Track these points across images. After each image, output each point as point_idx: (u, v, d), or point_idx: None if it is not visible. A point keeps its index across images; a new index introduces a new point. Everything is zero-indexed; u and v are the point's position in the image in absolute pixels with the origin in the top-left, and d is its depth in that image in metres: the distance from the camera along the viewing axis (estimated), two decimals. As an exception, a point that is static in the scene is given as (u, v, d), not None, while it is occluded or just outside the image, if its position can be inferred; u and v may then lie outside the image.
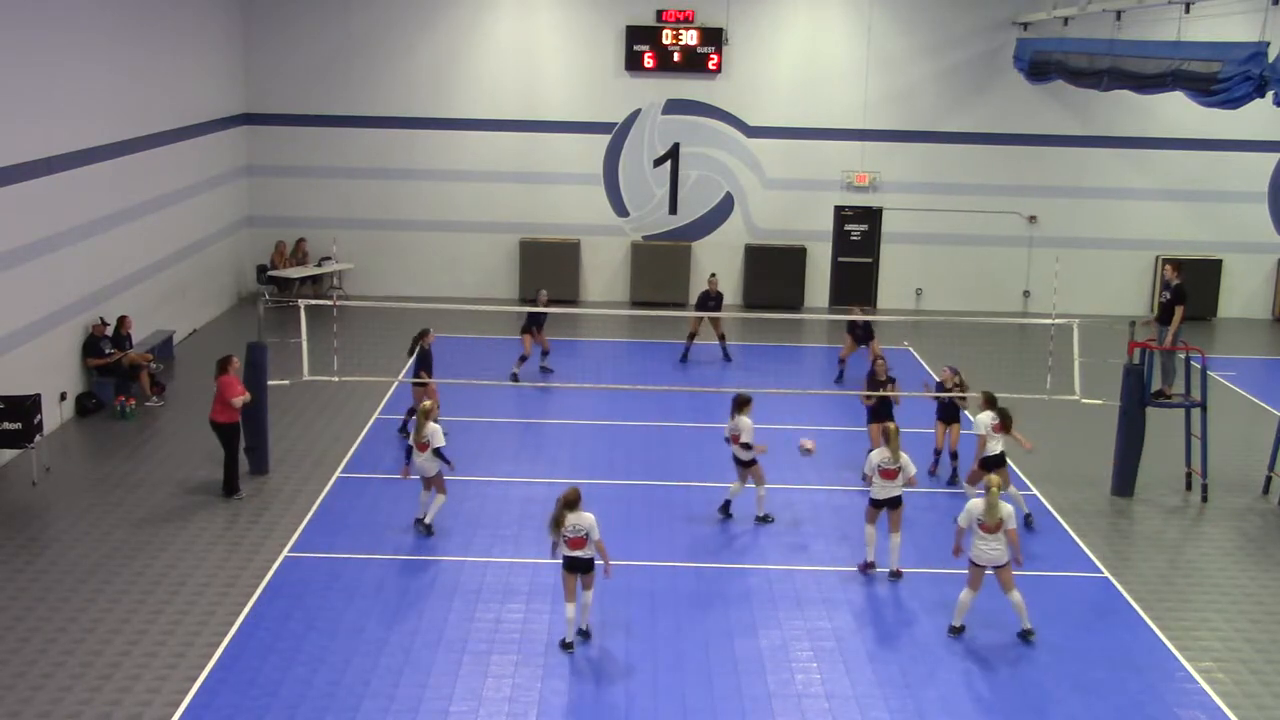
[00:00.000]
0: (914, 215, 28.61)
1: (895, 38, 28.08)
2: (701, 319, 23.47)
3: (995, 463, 15.67)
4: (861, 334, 22.02)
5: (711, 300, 23.22)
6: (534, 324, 22.14)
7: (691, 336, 23.70)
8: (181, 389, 21.18)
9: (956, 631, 13.16)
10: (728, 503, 16.15)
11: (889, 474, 14.36)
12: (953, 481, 17.56)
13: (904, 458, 14.37)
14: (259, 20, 27.64)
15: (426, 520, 15.38)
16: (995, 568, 12.89)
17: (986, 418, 15.99)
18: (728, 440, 15.99)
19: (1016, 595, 12.98)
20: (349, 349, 20.64)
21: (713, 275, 24.20)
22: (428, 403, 15.55)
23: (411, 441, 15.35)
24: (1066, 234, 28.61)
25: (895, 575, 14.50)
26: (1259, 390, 22.75)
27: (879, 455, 14.50)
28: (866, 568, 14.66)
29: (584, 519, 12.55)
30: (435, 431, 15.12)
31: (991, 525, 12.76)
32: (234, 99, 27.29)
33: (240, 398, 16.18)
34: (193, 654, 12.32)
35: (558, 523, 12.50)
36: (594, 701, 11.73)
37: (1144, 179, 28.65)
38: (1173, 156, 28.44)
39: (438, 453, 15.12)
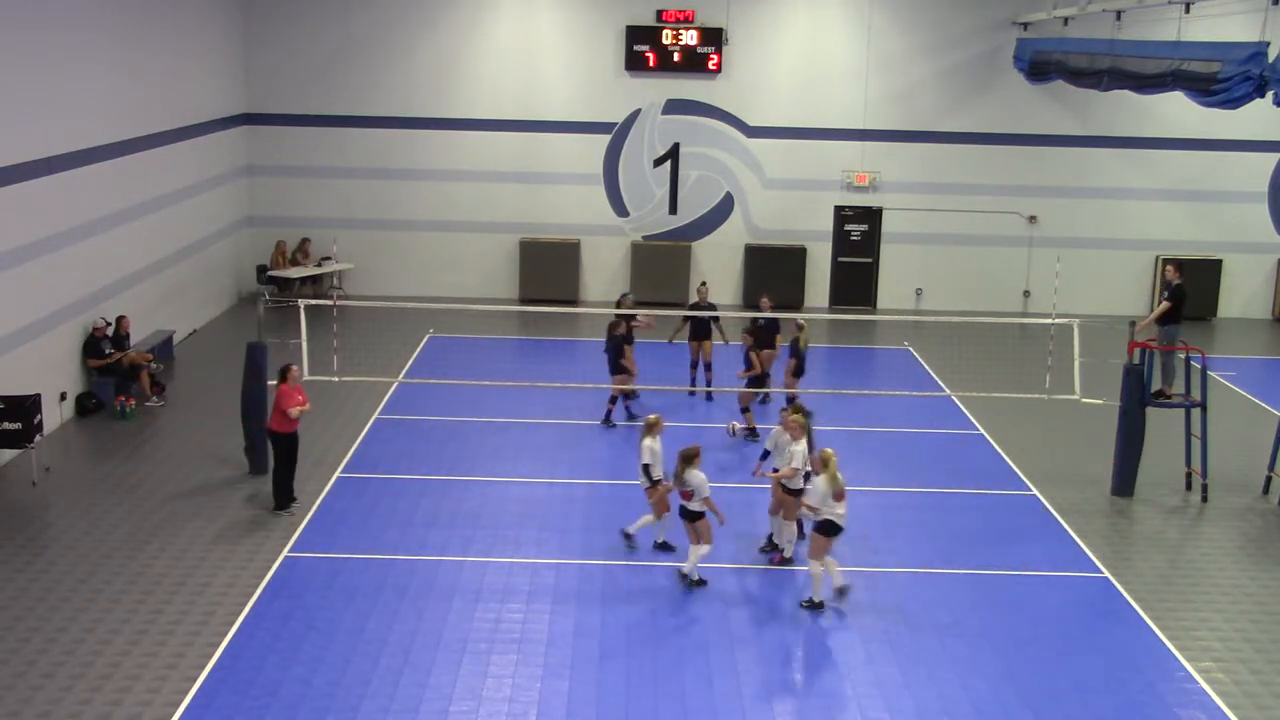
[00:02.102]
0: (914, 215, 28.61)
1: (895, 38, 28.08)
2: (700, 343, 21.13)
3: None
4: (764, 337, 19.85)
5: (702, 310, 21.07)
6: (621, 349, 19.88)
7: (695, 365, 21.33)
8: (181, 389, 21.19)
9: (819, 606, 13.59)
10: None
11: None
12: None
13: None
14: (259, 20, 27.64)
15: (629, 530, 15.14)
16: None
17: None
18: None
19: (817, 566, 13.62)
20: (349, 349, 20.65)
21: (703, 284, 22.39)
22: (652, 416, 15.09)
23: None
24: (1066, 234, 28.61)
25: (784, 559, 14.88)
26: (1259, 390, 22.74)
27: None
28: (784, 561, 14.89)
29: (694, 476, 13.80)
30: (645, 449, 14.71)
31: (841, 492, 13.41)
32: (234, 99, 27.29)
33: (298, 408, 15.81)
34: (193, 654, 12.32)
35: (678, 474, 13.87)
36: (594, 701, 11.73)
37: (1144, 179, 28.65)
38: (1173, 156, 28.44)
39: (645, 469, 14.71)
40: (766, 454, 15.32)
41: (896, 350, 25.04)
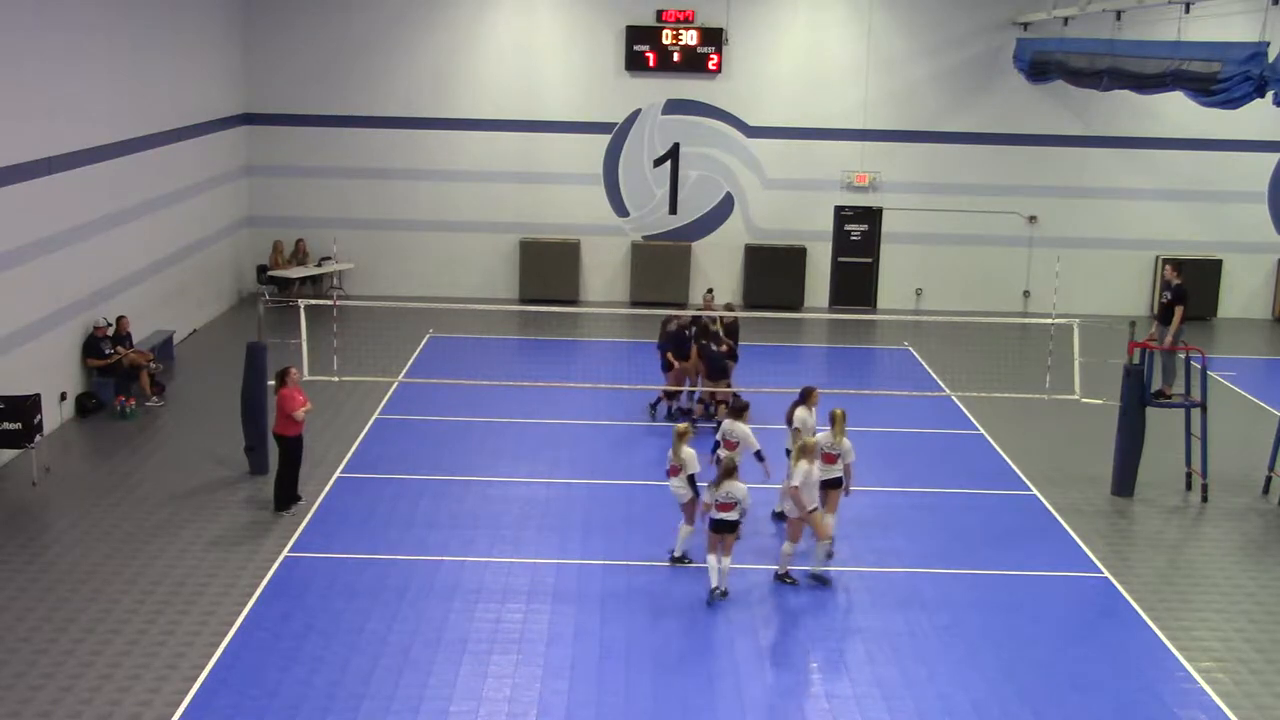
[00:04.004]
0: (914, 215, 28.60)
1: (895, 38, 28.08)
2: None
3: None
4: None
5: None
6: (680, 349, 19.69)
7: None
8: (181, 389, 21.19)
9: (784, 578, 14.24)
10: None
11: (830, 458, 14.72)
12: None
13: (845, 443, 14.81)
14: (259, 20, 27.63)
15: (677, 553, 14.65)
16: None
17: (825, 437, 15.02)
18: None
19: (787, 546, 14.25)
20: (349, 349, 20.64)
21: (709, 292, 22.22)
22: (682, 425, 14.63)
23: (669, 465, 14.57)
24: (1066, 234, 28.61)
25: (829, 554, 14.79)
26: (1259, 390, 22.74)
27: (823, 439, 14.80)
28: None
29: (737, 488, 13.56)
30: (691, 456, 14.36)
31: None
32: (234, 99, 27.29)
33: (301, 410, 15.76)
34: (193, 654, 12.32)
35: (717, 485, 13.61)
36: (594, 701, 11.73)
37: (1144, 179, 28.65)
38: (1173, 156, 28.43)
39: (691, 480, 14.36)
40: (718, 445, 15.60)
41: (896, 350, 25.04)
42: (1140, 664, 12.73)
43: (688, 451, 14.38)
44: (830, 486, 14.76)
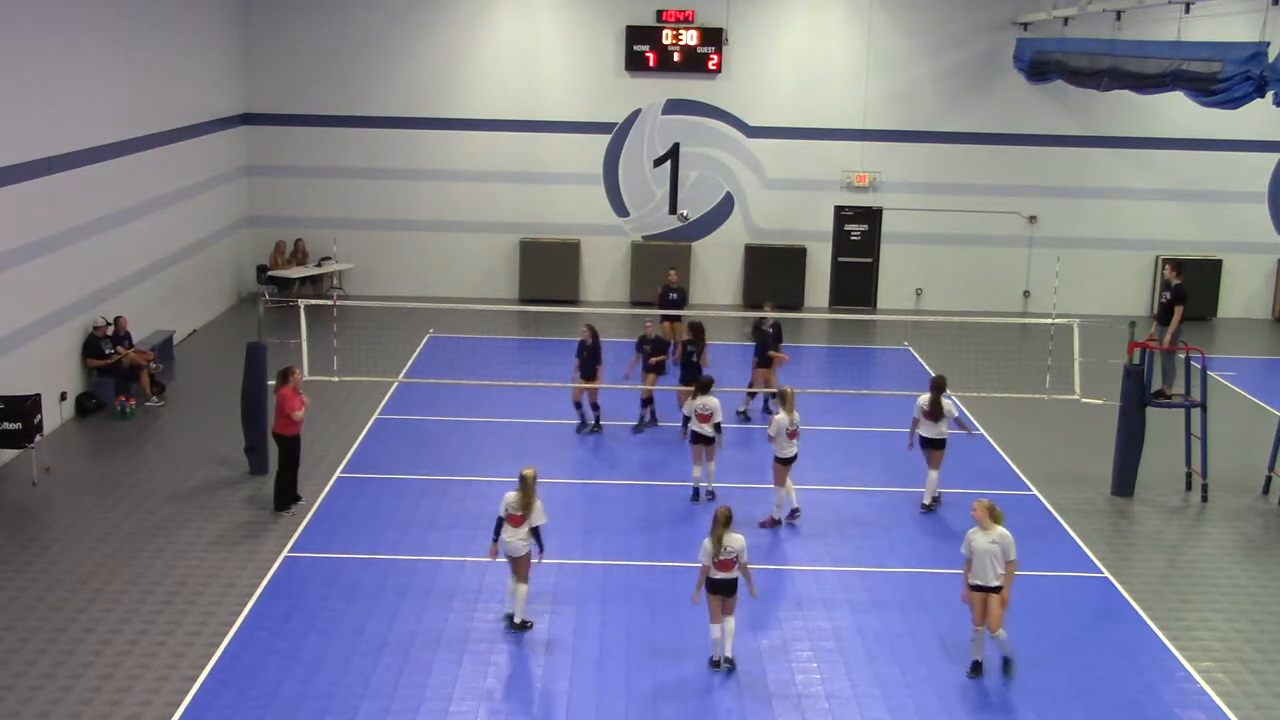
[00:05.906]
0: (914, 215, 28.60)
1: (895, 38, 28.08)
2: (671, 326, 21.30)
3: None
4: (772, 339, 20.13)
5: (673, 293, 21.79)
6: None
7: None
8: (181, 389, 21.19)
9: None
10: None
11: (794, 434, 15.76)
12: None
13: (797, 417, 15.79)
14: (259, 20, 27.63)
15: (518, 618, 13.01)
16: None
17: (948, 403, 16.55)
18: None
19: None
20: (349, 349, 20.65)
21: (672, 270, 23.11)
22: (529, 470, 13.14)
23: (502, 514, 12.94)
24: (1066, 234, 28.61)
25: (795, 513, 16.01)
26: (1259, 390, 22.74)
27: (785, 419, 15.64)
28: (774, 523, 15.87)
29: (736, 540, 12.12)
30: (540, 509, 12.90)
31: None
32: (234, 99, 27.29)
33: (300, 411, 15.78)
34: (193, 654, 12.32)
35: (718, 541, 12.01)
36: (594, 701, 11.73)
37: (1144, 179, 28.65)
38: (1173, 156, 28.43)
39: (535, 532, 12.97)
40: (688, 420, 16.66)
41: (896, 350, 25.04)
42: (1140, 664, 12.73)
43: (538, 503, 12.92)
44: (787, 462, 15.80)
